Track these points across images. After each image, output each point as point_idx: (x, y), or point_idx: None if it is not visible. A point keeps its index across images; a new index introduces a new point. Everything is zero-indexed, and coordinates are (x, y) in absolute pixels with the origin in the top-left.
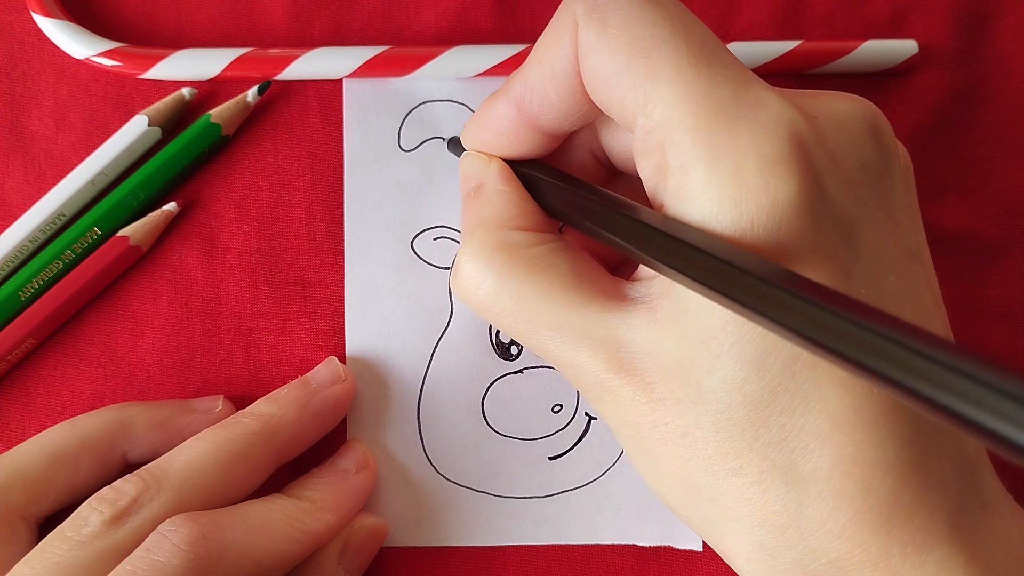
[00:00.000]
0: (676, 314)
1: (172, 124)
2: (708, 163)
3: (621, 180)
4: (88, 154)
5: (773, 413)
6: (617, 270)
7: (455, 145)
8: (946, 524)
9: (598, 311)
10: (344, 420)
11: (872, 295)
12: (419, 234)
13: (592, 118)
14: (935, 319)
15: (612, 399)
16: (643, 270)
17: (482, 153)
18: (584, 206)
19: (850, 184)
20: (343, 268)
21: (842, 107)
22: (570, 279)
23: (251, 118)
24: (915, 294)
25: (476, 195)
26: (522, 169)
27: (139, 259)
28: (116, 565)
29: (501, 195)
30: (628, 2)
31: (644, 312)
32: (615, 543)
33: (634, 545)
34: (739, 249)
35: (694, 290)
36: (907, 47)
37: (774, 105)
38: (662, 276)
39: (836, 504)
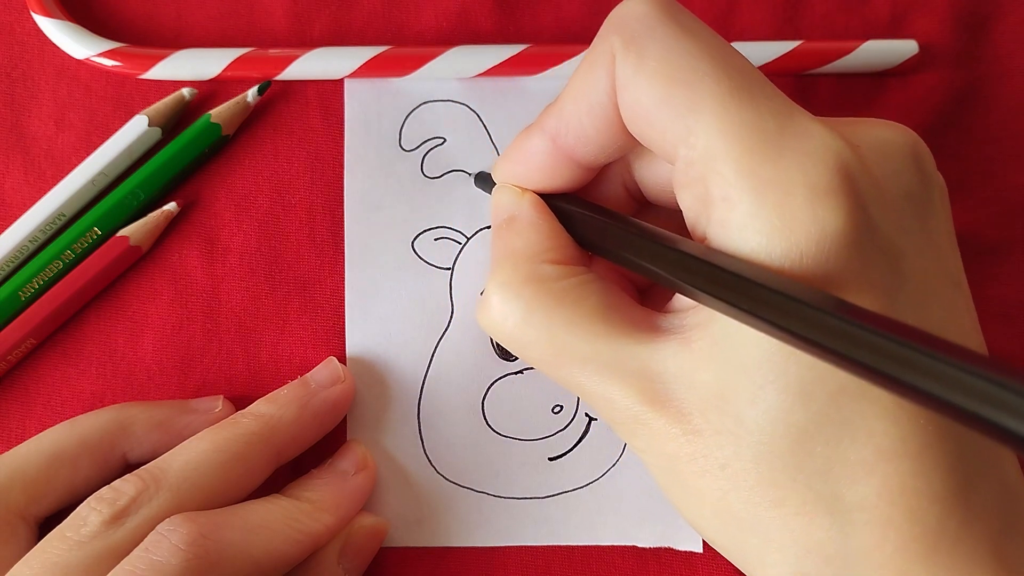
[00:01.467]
0: (715, 344)
1: (172, 124)
2: (755, 195)
3: (651, 212)
4: (88, 154)
5: (818, 444)
6: (645, 303)
7: (483, 181)
8: (990, 551)
9: (629, 342)
10: (344, 420)
11: (918, 323)
12: (420, 234)
13: (628, 149)
14: (975, 346)
15: (646, 432)
16: (676, 301)
17: (515, 186)
18: (624, 238)
19: (895, 213)
20: (343, 268)
21: (884, 135)
22: (600, 311)
23: (251, 118)
24: (957, 321)
25: (508, 227)
26: (556, 202)
27: (139, 259)
28: (115, 565)
29: (534, 227)
30: (666, 34)
31: (677, 342)
32: (615, 544)
33: (634, 546)
34: (791, 280)
35: (744, 322)
36: (907, 47)
37: (819, 135)
38: (698, 307)
39: (883, 534)
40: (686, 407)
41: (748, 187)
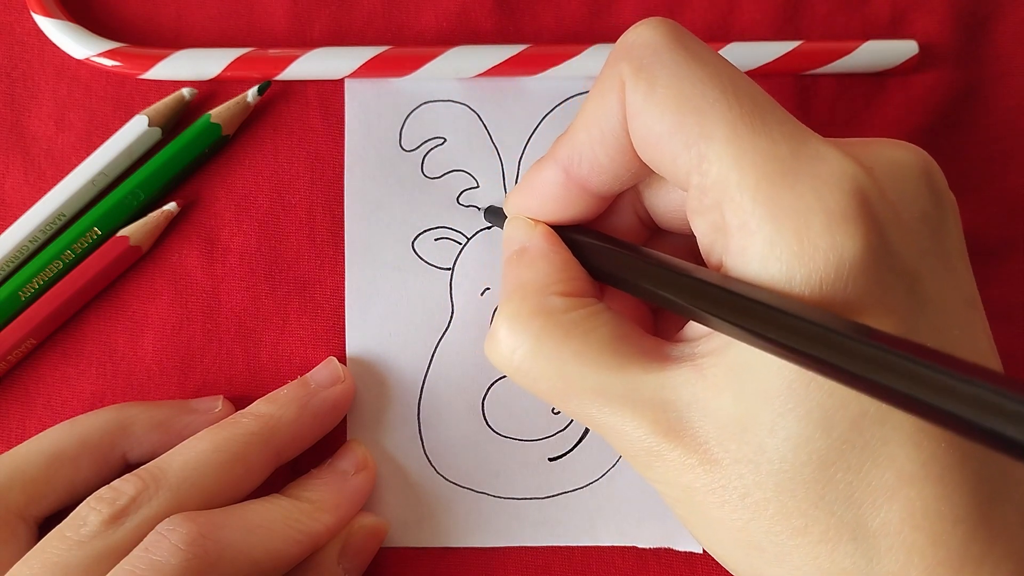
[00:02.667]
0: (732, 371)
1: (172, 124)
2: (773, 222)
3: (663, 239)
4: (88, 154)
5: (840, 470)
6: (657, 336)
7: (494, 215)
8: (1014, 572)
9: (640, 372)
10: (344, 420)
11: (937, 346)
12: (420, 234)
13: (643, 177)
14: (992, 365)
15: (661, 464)
16: (688, 331)
17: (528, 219)
18: (642, 268)
19: (911, 235)
20: (343, 268)
21: (896, 156)
22: (610, 342)
23: (251, 118)
24: (975, 341)
25: (518, 259)
26: (569, 234)
27: (139, 259)
28: (115, 565)
29: (545, 258)
30: (675, 61)
31: (689, 369)
32: (615, 544)
33: (634, 546)
34: (814, 307)
35: (769, 351)
36: (907, 47)
37: (834, 159)
38: (710, 335)
39: (907, 559)
40: (702, 436)
41: (766, 215)
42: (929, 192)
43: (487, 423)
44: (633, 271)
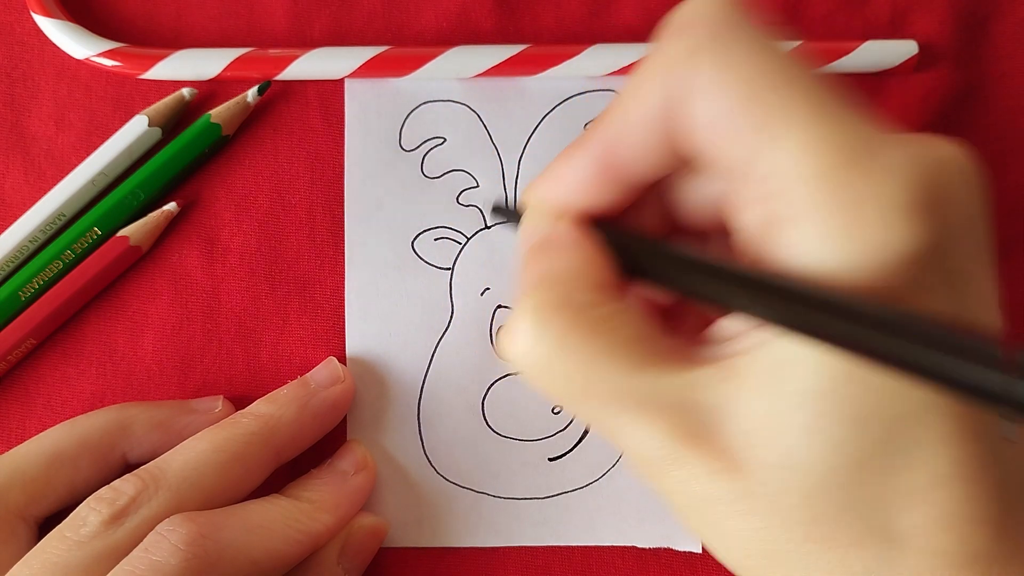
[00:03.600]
0: (768, 372)
1: (172, 124)
2: (838, 215)
3: (679, 239)
4: (88, 154)
5: (872, 473)
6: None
7: (500, 212)
8: None
9: (664, 373)
10: (344, 420)
11: None
12: (420, 234)
13: (677, 166)
14: None
15: (678, 471)
16: (716, 332)
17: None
18: (687, 263)
19: (962, 236)
20: (343, 268)
21: (952, 154)
22: (635, 342)
23: (251, 118)
24: None
25: (543, 249)
26: (596, 227)
27: (139, 259)
28: (115, 565)
29: (571, 250)
30: (737, 39)
31: (718, 371)
32: (615, 544)
33: (634, 546)
34: (888, 306)
35: (833, 347)
36: (907, 47)
37: (902, 152)
38: (740, 336)
39: (933, 560)
40: (725, 441)
41: (831, 206)
42: (980, 195)
43: (487, 423)
44: (676, 265)
